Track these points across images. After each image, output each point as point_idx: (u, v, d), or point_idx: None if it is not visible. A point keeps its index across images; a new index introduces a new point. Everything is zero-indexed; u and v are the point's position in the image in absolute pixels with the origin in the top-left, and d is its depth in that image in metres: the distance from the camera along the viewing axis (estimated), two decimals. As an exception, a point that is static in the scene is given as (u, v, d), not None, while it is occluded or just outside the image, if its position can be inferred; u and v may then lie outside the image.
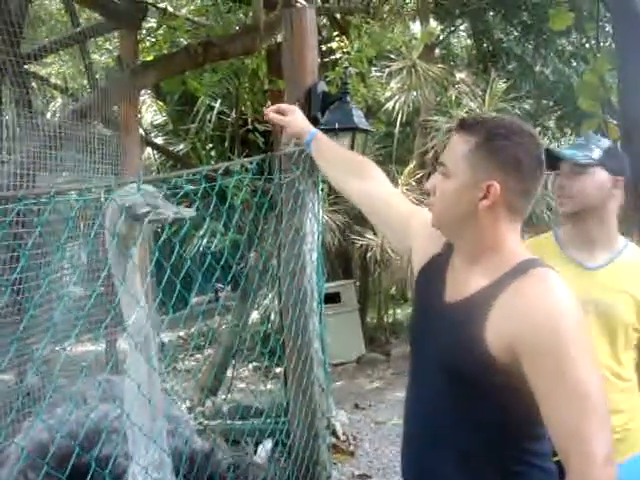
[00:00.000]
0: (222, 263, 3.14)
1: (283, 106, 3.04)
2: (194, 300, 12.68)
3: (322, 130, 3.73)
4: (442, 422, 1.89)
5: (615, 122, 7.92)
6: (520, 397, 1.76)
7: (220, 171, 2.87)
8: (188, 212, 2.37)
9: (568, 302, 1.74)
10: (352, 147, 3.72)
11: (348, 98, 3.78)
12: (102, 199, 2.25)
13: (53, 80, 10.72)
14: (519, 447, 1.83)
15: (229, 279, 3.32)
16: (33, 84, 7.99)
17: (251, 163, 3.27)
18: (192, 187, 2.71)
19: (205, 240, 9.16)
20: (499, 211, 1.86)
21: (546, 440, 1.81)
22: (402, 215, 2.34)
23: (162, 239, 2.78)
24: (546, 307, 1.73)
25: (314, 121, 3.71)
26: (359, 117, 3.78)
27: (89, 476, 2.24)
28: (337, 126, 3.67)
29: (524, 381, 1.72)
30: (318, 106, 3.69)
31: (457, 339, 1.84)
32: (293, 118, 3.03)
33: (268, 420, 4.78)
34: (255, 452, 4.34)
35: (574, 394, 1.67)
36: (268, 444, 4.20)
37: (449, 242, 2.04)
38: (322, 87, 3.77)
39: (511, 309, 1.75)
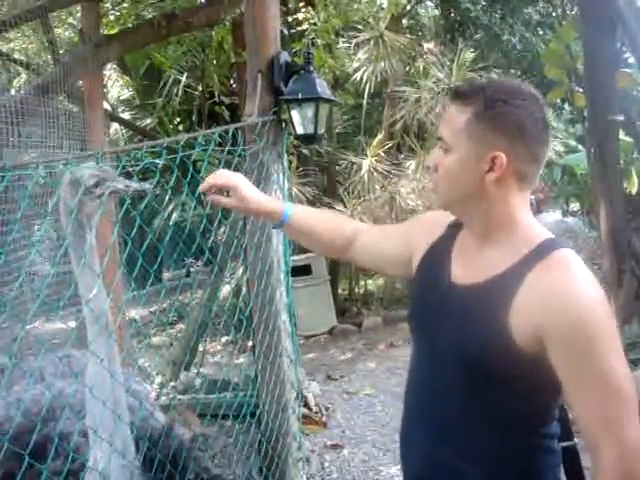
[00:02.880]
0: (188, 237, 3.12)
1: (220, 180, 2.25)
2: (165, 275, 12.66)
3: (285, 100, 3.73)
4: (455, 415, 1.79)
5: (581, 90, 7.95)
6: (539, 385, 1.70)
7: (181, 143, 2.85)
8: (140, 185, 2.32)
9: (597, 289, 1.67)
10: (316, 117, 3.70)
11: (312, 68, 3.76)
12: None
13: (16, 56, 10.55)
14: (533, 432, 1.77)
15: (199, 253, 3.30)
16: (-4, 60, 7.88)
17: (213, 134, 3.24)
18: (154, 160, 2.68)
19: (174, 214, 9.12)
20: (508, 182, 1.75)
21: (555, 422, 1.80)
22: (399, 244, 2.14)
23: (123, 213, 2.73)
24: (576, 295, 1.64)
25: (277, 91, 3.70)
26: (323, 87, 3.76)
27: (46, 454, 2.23)
28: (300, 96, 3.66)
29: (546, 369, 1.65)
30: (281, 76, 3.67)
31: (478, 324, 1.73)
32: (245, 195, 2.24)
33: (238, 393, 4.79)
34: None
35: (605, 381, 1.61)
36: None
37: (451, 224, 1.97)
38: (285, 57, 3.75)
39: (539, 296, 1.66)
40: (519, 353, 1.65)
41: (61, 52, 7.65)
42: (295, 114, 3.73)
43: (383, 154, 10.51)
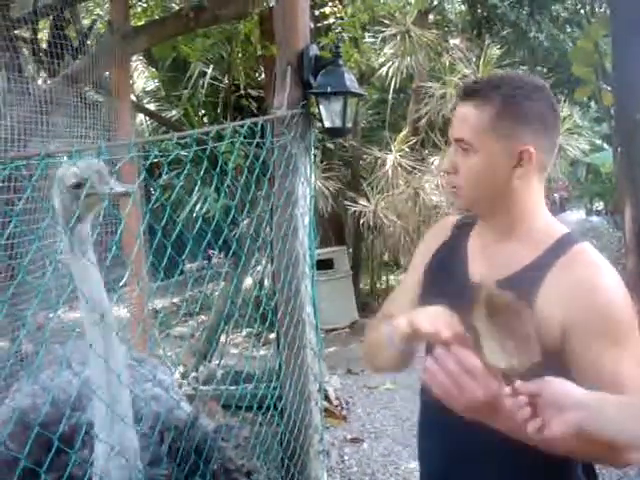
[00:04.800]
0: (214, 228, 3.13)
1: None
2: (187, 267, 12.71)
3: (314, 94, 3.74)
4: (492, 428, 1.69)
5: (609, 88, 7.91)
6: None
7: (211, 134, 2.86)
8: (125, 187, 2.25)
9: (619, 280, 1.70)
10: (344, 111, 3.71)
11: (340, 62, 3.77)
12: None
13: (44, 46, 10.61)
14: None
15: (221, 245, 3.31)
16: (24, 49, 7.92)
17: (242, 127, 3.25)
18: (183, 152, 2.70)
19: (198, 206, 9.13)
20: (531, 175, 1.78)
21: None
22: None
23: (153, 204, 2.75)
24: (601, 285, 1.67)
25: (307, 85, 3.71)
26: (351, 81, 3.77)
27: (73, 443, 2.24)
28: (329, 90, 3.67)
29: (562, 363, 1.66)
30: (310, 70, 3.68)
31: None
32: None
33: (260, 385, 4.81)
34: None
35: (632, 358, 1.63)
36: None
37: (457, 225, 1.98)
38: (314, 51, 3.76)
39: (564, 288, 1.67)
40: (544, 346, 1.63)
41: (88, 42, 7.67)
42: (323, 107, 3.74)
43: (407, 149, 10.49)
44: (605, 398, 1.52)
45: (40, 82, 10.07)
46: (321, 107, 3.74)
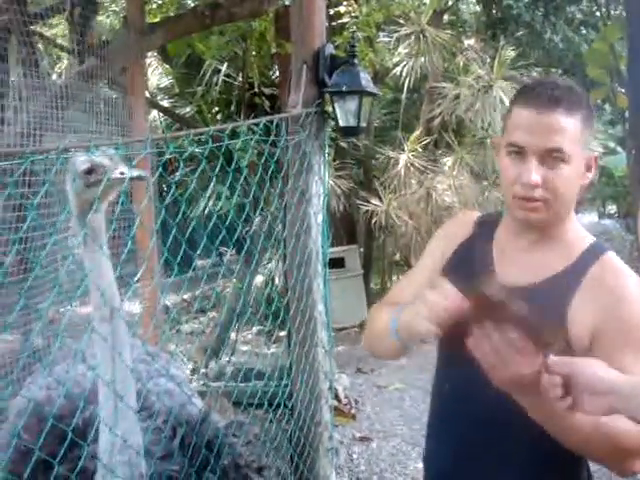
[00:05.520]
0: (227, 226, 3.14)
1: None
2: (198, 263, 12.74)
3: (329, 93, 3.75)
4: (494, 416, 1.73)
5: (623, 91, 7.89)
6: None
7: (227, 132, 2.88)
8: (137, 173, 2.22)
9: None
10: (359, 110, 3.72)
11: (356, 61, 3.78)
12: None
13: (59, 41, 10.65)
14: None
15: (234, 242, 3.32)
16: (39, 45, 7.95)
17: (257, 125, 3.27)
18: (198, 149, 2.71)
19: (210, 202, 9.16)
20: None
21: None
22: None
23: (168, 200, 2.76)
24: (632, 295, 1.69)
25: (322, 84, 3.72)
26: (367, 80, 3.78)
27: (86, 437, 2.24)
28: (344, 89, 3.68)
29: None
30: (326, 68, 3.69)
31: None
32: None
33: (271, 382, 4.82)
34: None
35: None
36: None
37: (480, 222, 1.96)
38: (330, 49, 3.77)
39: (597, 296, 1.69)
40: (572, 351, 1.66)
41: (104, 39, 7.70)
42: (338, 106, 3.75)
43: (420, 149, 10.47)
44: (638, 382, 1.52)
45: (55, 77, 10.11)
46: (336, 106, 3.75)
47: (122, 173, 2.15)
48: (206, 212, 9.03)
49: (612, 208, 17.49)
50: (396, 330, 1.75)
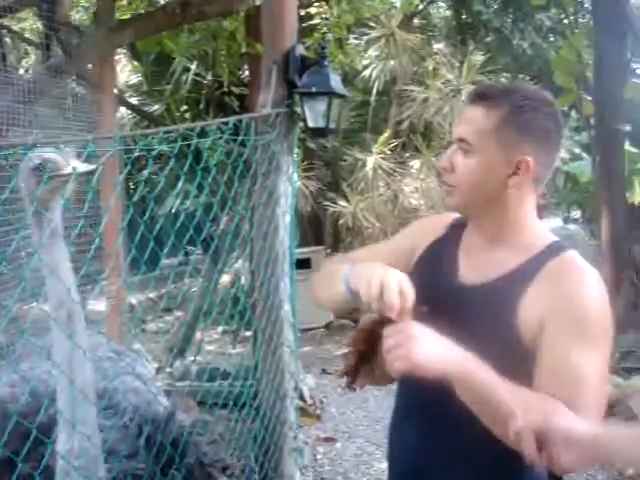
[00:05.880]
0: (194, 224, 3.14)
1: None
2: (164, 262, 12.68)
3: (299, 93, 3.76)
4: (452, 411, 1.73)
5: (589, 98, 7.98)
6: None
7: (196, 130, 2.88)
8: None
9: (603, 291, 1.73)
10: (328, 111, 3.73)
11: (326, 62, 3.79)
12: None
13: (27, 35, 10.56)
14: None
15: (201, 241, 3.31)
16: (7, 39, 7.88)
17: (226, 124, 3.26)
18: (167, 147, 2.71)
19: (178, 201, 9.13)
20: (526, 186, 1.79)
21: None
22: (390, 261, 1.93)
23: (136, 197, 2.76)
24: (584, 292, 1.69)
25: (292, 84, 3.73)
26: (336, 82, 3.79)
27: (50, 435, 2.22)
28: (314, 90, 3.69)
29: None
30: (296, 69, 3.69)
31: (487, 323, 1.74)
32: None
33: (236, 382, 4.82)
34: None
35: (576, 369, 1.63)
36: None
37: (453, 224, 1.97)
38: (300, 50, 3.78)
39: (547, 292, 1.70)
40: (526, 348, 1.69)
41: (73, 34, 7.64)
42: (307, 107, 3.76)
43: (388, 152, 10.53)
44: (616, 432, 1.56)
45: (22, 72, 10.01)
46: (305, 107, 3.75)
47: (73, 168, 2.12)
48: (173, 210, 9.00)
49: (577, 213, 17.65)
50: (347, 278, 1.77)
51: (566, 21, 12.83)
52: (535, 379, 1.67)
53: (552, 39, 13.45)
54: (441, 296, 1.85)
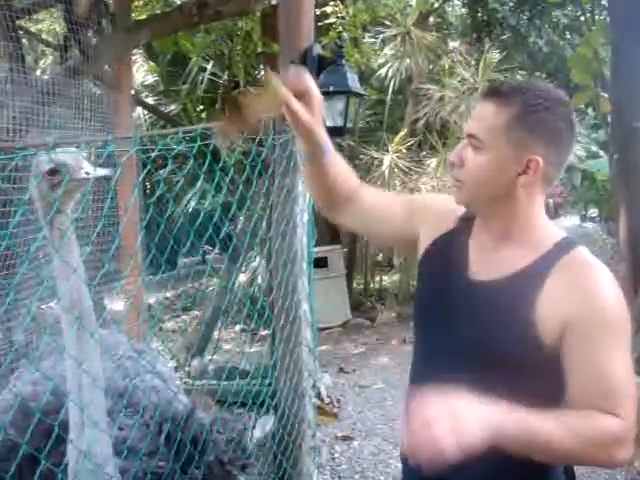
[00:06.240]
0: (212, 224, 3.15)
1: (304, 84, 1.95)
2: (182, 262, 12.74)
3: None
4: None
5: (607, 96, 7.94)
6: (555, 378, 1.73)
7: (215, 130, 2.89)
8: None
9: (617, 287, 1.72)
10: (346, 110, 3.73)
11: (343, 61, 3.80)
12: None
13: (44, 37, 10.61)
14: None
15: (219, 241, 3.32)
16: (24, 40, 7.89)
17: (245, 123, 3.26)
18: (186, 147, 2.72)
19: (194, 202, 9.17)
20: (536, 185, 1.77)
21: None
22: (403, 211, 2.09)
23: (154, 197, 2.77)
24: (601, 290, 1.69)
25: (308, 84, 3.73)
26: (354, 81, 3.80)
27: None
28: (331, 89, 3.69)
29: (560, 362, 1.70)
30: (313, 69, 3.70)
31: (502, 320, 1.75)
32: (317, 123, 2.02)
33: (254, 381, 4.83)
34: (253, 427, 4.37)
35: (602, 372, 1.66)
36: (269, 421, 4.24)
37: (463, 217, 1.96)
38: (317, 49, 3.78)
39: (566, 290, 1.69)
40: (542, 345, 1.69)
41: (90, 35, 7.68)
42: (325, 106, 3.76)
43: (405, 151, 10.52)
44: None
45: (39, 73, 10.06)
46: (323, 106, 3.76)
47: (87, 173, 2.12)
48: (190, 210, 9.03)
49: (594, 212, 17.60)
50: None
51: (583, 18, 12.76)
52: (569, 389, 1.69)
53: (568, 36, 13.40)
54: (451, 290, 1.87)
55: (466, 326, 1.80)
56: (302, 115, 1.90)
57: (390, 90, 11.09)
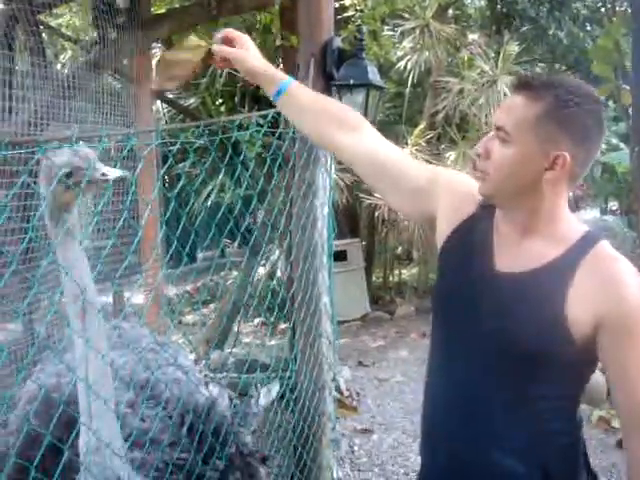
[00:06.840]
0: (232, 217, 3.16)
1: (232, 34, 2.31)
2: (201, 255, 12.78)
3: (336, 86, 3.77)
4: (489, 400, 1.80)
5: (628, 88, 7.89)
6: (580, 369, 1.76)
7: (236, 123, 2.90)
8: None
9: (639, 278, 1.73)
10: (366, 103, 3.74)
11: (363, 54, 3.80)
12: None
13: (64, 31, 10.65)
14: (566, 418, 1.82)
15: (239, 234, 3.33)
16: (44, 34, 7.92)
17: (265, 117, 3.28)
18: (207, 140, 2.72)
19: (213, 195, 9.18)
20: (561, 181, 1.76)
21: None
22: (417, 174, 2.06)
23: (175, 191, 2.78)
24: (631, 286, 1.69)
25: (329, 77, 3.74)
26: (374, 74, 3.80)
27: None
28: (352, 82, 3.70)
29: (588, 353, 1.71)
30: (333, 62, 3.71)
31: (529, 314, 1.74)
32: (248, 54, 2.31)
33: (273, 374, 4.85)
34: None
35: None
36: (274, 388, 4.24)
37: (483, 204, 1.93)
38: (337, 43, 3.79)
39: (592, 289, 1.70)
40: (570, 340, 1.69)
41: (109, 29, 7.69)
42: (345, 99, 3.76)
43: (424, 144, 10.48)
44: None
45: (59, 67, 10.11)
46: (343, 99, 3.76)
47: (104, 174, 2.13)
48: (210, 204, 9.05)
49: (614, 204, 17.48)
50: None
51: (603, 9, 12.70)
52: (614, 400, 1.74)
53: (589, 28, 13.30)
54: (474, 281, 1.86)
55: (489, 318, 1.80)
56: (235, 53, 2.26)
57: (409, 83, 11.03)
